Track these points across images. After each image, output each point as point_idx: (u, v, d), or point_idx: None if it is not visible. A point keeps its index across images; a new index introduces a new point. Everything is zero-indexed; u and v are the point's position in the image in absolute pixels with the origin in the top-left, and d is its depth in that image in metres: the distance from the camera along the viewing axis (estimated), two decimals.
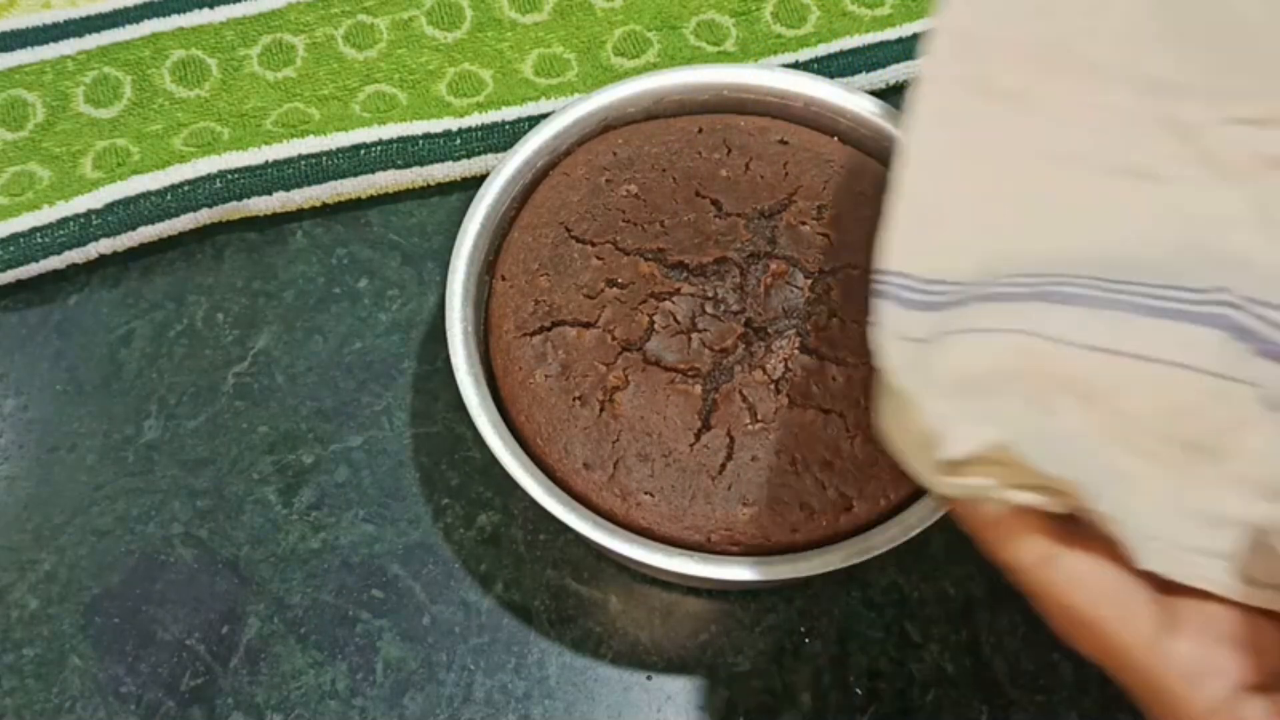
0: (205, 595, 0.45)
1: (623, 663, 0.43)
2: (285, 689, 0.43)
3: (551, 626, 0.44)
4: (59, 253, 0.49)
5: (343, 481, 0.46)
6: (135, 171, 0.50)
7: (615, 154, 0.46)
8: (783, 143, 0.46)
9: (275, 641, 0.44)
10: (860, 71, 0.53)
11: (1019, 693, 0.36)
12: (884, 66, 0.53)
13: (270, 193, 0.50)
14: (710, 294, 0.43)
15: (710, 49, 0.54)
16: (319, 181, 0.50)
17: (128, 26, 0.54)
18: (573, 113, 0.47)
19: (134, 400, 0.48)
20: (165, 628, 0.44)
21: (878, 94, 0.52)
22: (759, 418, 0.41)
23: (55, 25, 0.54)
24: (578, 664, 0.44)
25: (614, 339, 0.42)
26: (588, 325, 0.43)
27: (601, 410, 0.41)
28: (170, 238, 0.50)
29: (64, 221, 0.49)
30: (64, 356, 0.49)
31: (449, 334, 0.42)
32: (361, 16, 0.54)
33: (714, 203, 0.45)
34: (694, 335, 0.42)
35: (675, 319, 0.43)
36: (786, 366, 0.42)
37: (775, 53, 0.54)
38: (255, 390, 0.48)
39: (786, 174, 0.45)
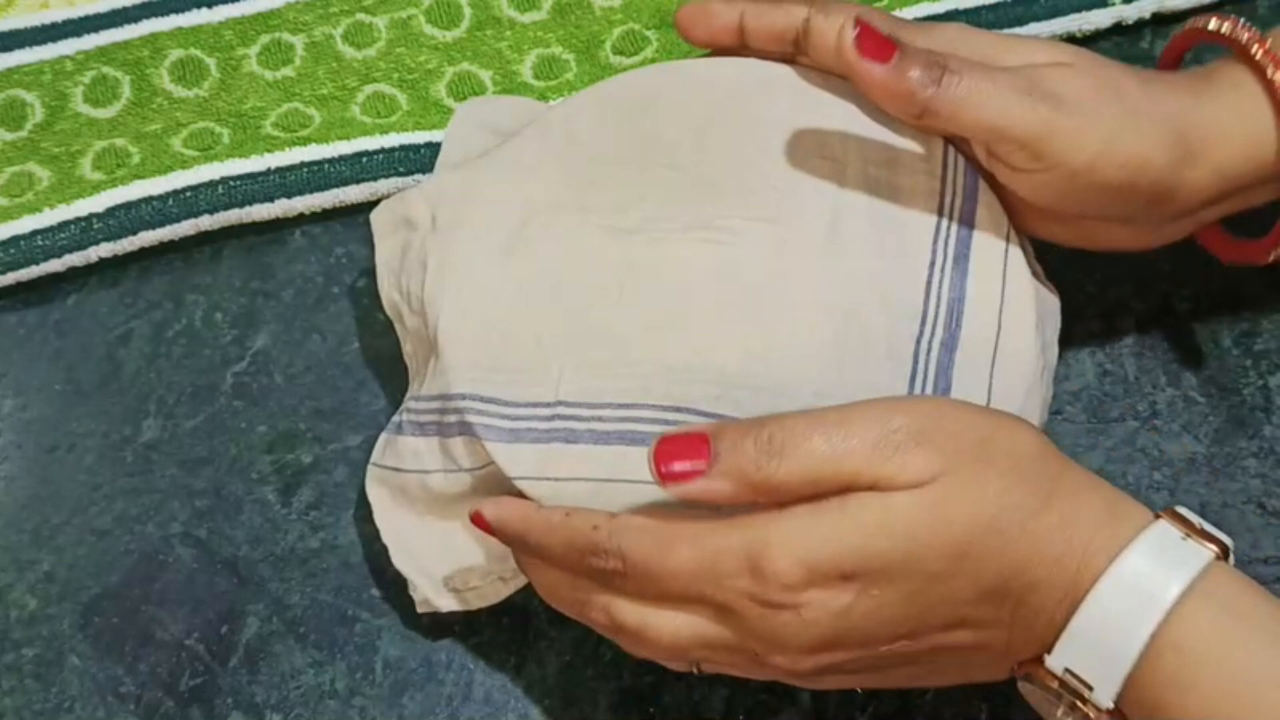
0: (204, 595, 0.45)
1: (622, 663, 0.43)
2: (285, 689, 0.43)
3: (551, 626, 0.44)
4: (59, 256, 0.49)
5: (342, 481, 0.46)
6: (136, 174, 0.50)
7: None
8: None
9: (274, 641, 0.44)
10: None
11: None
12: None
13: (272, 199, 0.50)
14: None
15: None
16: (322, 189, 0.50)
17: (126, 26, 0.54)
18: None
19: (132, 400, 0.48)
20: (164, 627, 0.44)
21: None
22: None
23: (53, 25, 0.54)
24: (577, 664, 0.43)
25: None
26: None
27: None
28: None
29: (64, 225, 0.49)
30: (62, 356, 0.49)
31: None
32: (360, 15, 0.54)
33: None
34: None
35: None
36: None
37: None
38: (254, 390, 0.48)
39: None
